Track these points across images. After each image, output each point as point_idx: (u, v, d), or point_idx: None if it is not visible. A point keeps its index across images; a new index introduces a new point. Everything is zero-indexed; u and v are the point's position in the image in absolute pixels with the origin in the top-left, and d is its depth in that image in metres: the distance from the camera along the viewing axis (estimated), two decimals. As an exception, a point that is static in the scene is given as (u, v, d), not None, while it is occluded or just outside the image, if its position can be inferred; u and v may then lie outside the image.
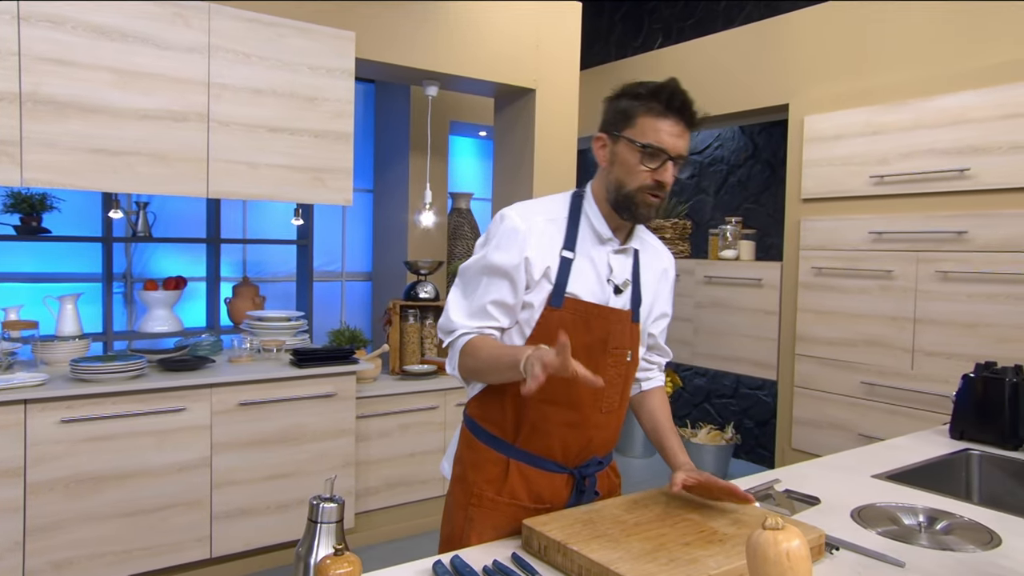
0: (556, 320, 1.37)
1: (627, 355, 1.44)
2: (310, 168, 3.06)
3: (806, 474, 1.82)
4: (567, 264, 1.39)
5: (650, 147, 1.34)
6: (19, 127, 2.47)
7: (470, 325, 1.39)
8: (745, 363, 4.09)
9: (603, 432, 1.45)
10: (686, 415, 5.21)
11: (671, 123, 1.35)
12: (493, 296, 1.38)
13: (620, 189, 1.39)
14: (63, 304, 3.57)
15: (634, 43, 5.53)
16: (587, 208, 1.45)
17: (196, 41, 2.76)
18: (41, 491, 2.48)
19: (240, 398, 2.83)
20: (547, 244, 1.39)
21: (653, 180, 1.36)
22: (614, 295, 1.43)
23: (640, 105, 1.36)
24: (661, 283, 1.55)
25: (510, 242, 1.37)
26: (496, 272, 1.38)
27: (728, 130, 4.88)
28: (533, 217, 1.40)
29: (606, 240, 1.44)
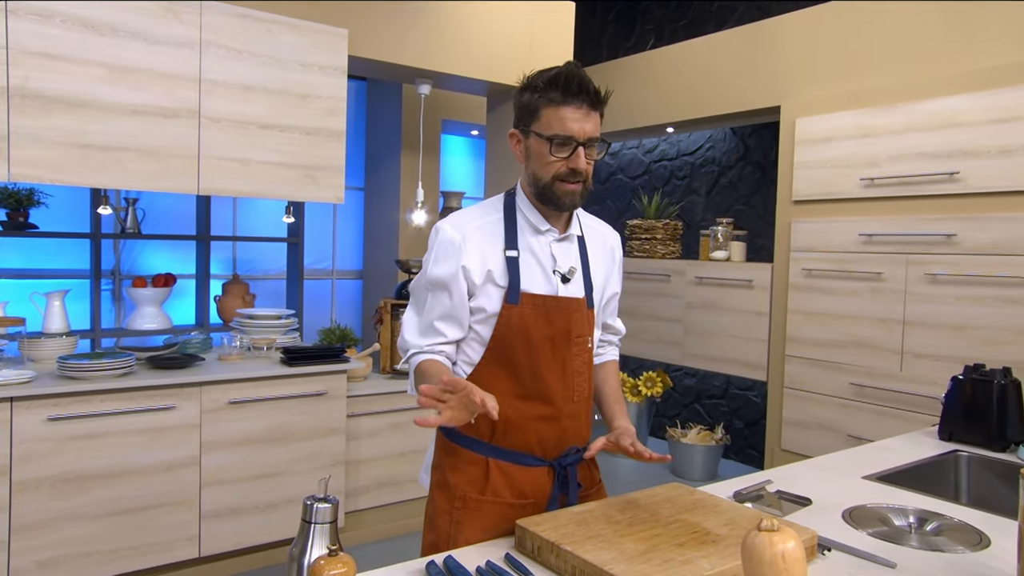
0: (517, 316, 1.39)
1: (588, 341, 1.46)
2: (302, 165, 3.04)
3: (797, 475, 1.82)
4: (514, 262, 1.41)
5: (557, 137, 1.35)
6: (7, 122, 2.44)
7: (421, 344, 1.43)
8: (735, 364, 4.10)
9: (576, 421, 1.47)
10: (676, 415, 5.22)
11: (573, 108, 1.35)
12: (438, 311, 1.42)
13: (538, 182, 1.41)
14: (50, 301, 3.53)
15: (626, 44, 5.54)
16: (520, 204, 1.47)
17: (187, 36, 2.74)
18: (27, 490, 2.46)
19: (230, 396, 2.81)
20: (486, 248, 1.41)
21: (567, 168, 1.37)
22: (562, 284, 1.45)
23: (540, 97, 1.37)
24: (610, 265, 1.58)
25: (447, 254, 1.40)
26: (437, 286, 1.41)
27: (719, 131, 4.90)
28: (466, 226, 1.43)
29: (544, 231, 1.46)
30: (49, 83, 2.50)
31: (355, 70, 3.47)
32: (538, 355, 1.41)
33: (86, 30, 2.55)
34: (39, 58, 2.48)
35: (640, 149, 5.48)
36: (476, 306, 1.42)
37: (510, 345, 1.41)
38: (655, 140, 5.34)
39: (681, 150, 5.17)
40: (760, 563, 0.87)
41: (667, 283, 4.48)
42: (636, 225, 4.79)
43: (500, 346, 1.42)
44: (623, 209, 5.58)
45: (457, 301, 1.41)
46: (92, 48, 2.56)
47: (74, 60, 2.54)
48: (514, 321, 1.40)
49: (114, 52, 2.60)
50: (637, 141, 5.47)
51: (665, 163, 5.29)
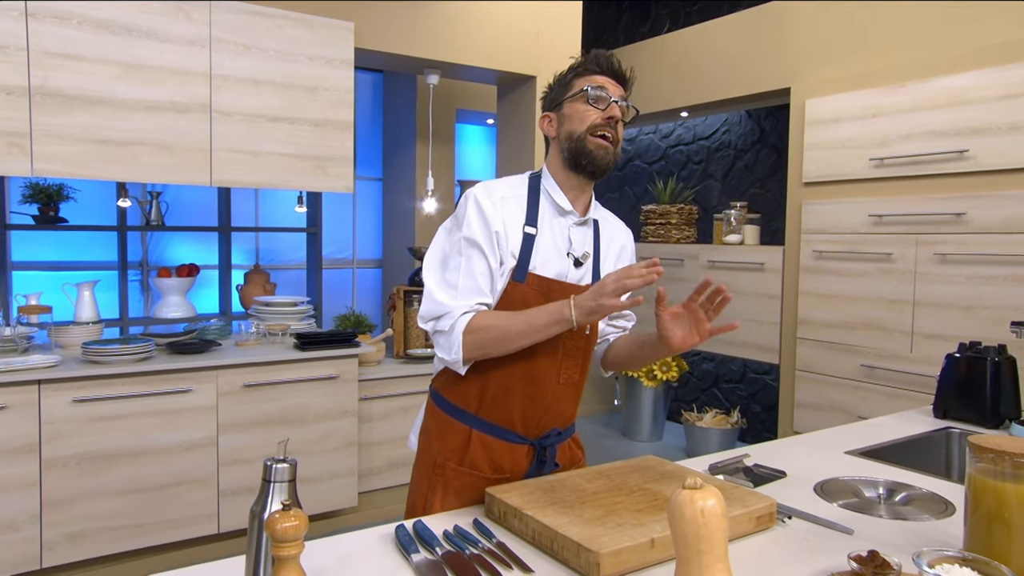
0: (519, 295, 1.42)
1: (586, 328, 1.49)
2: (311, 156, 3.14)
3: (779, 450, 1.86)
4: (530, 239, 1.43)
5: (594, 88, 1.43)
6: (29, 119, 2.58)
7: (466, 303, 1.38)
8: (748, 347, 4.10)
9: (561, 403, 1.50)
10: (694, 400, 5.23)
11: (608, 78, 1.47)
12: (479, 269, 1.39)
13: (572, 138, 1.44)
14: (80, 291, 3.70)
15: (642, 29, 5.53)
16: (545, 184, 1.50)
17: (197, 34, 2.85)
18: (56, 467, 2.60)
19: (245, 380, 2.93)
20: (510, 220, 1.43)
21: (603, 118, 1.42)
22: (574, 268, 1.48)
23: (573, 73, 1.48)
24: (621, 258, 1.60)
25: (480, 217, 1.40)
26: (475, 247, 1.39)
27: (735, 115, 4.87)
28: (495, 193, 1.44)
29: (566, 213, 1.49)
30: (68, 82, 2.63)
31: (363, 62, 3.55)
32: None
33: (101, 30, 2.67)
34: (58, 58, 2.61)
35: (657, 134, 5.47)
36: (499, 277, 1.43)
37: None
38: (671, 125, 5.33)
39: (697, 134, 5.15)
40: (681, 519, 0.92)
41: (681, 267, 4.49)
42: (650, 210, 4.80)
43: None
44: (640, 195, 5.59)
45: (492, 264, 1.41)
46: (107, 47, 2.68)
47: (90, 59, 2.66)
48: (516, 299, 1.41)
49: (128, 51, 2.72)
50: (654, 127, 5.47)
51: (681, 148, 5.28)
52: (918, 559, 1.07)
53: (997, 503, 1.14)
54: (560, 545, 1.19)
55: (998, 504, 1.14)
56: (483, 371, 1.44)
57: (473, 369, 1.44)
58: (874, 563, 1.11)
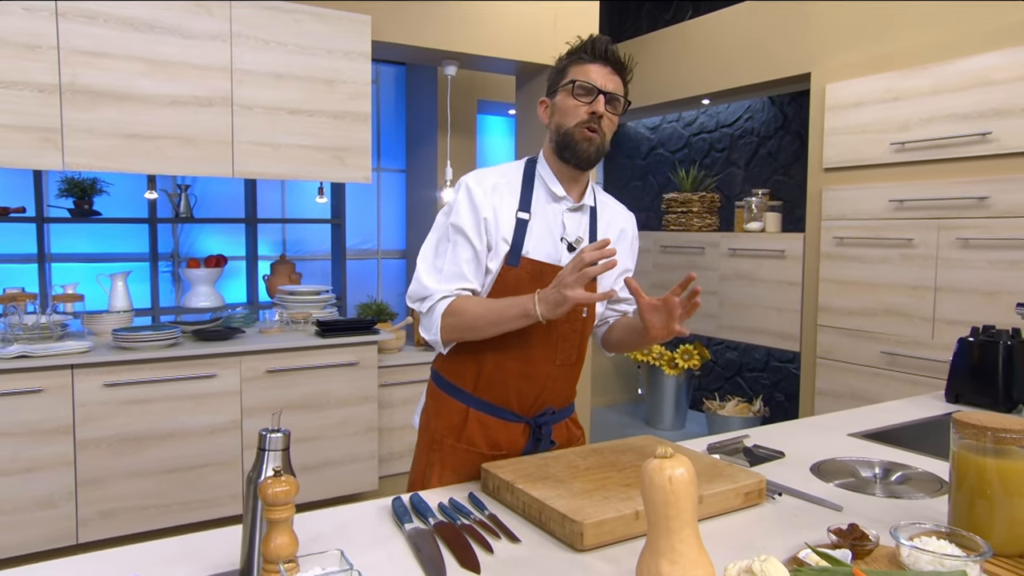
0: (513, 279, 1.46)
1: (582, 311, 1.52)
2: (329, 148, 3.21)
3: (782, 432, 1.87)
4: (523, 225, 1.47)
5: (580, 83, 1.45)
6: (60, 115, 2.69)
7: (447, 288, 1.45)
8: (769, 335, 4.08)
9: (557, 384, 1.53)
10: (718, 388, 5.22)
11: (599, 66, 1.47)
12: (464, 256, 1.45)
13: (559, 130, 1.49)
14: (114, 281, 3.84)
15: (665, 16, 5.50)
16: (540, 170, 1.53)
17: (218, 29, 2.93)
18: (89, 448, 2.73)
19: (268, 365, 3.02)
20: (502, 206, 1.47)
21: (587, 113, 1.45)
22: (568, 253, 1.51)
23: (570, 60, 1.50)
24: (619, 242, 1.62)
25: (470, 205, 1.46)
26: (461, 233, 1.45)
27: (758, 101, 4.83)
28: (486, 181, 1.49)
29: (559, 198, 1.52)
30: (96, 78, 2.73)
31: (384, 55, 3.60)
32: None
33: (127, 28, 2.77)
34: (86, 56, 2.71)
35: (680, 123, 5.45)
36: (488, 266, 1.47)
37: None
38: (694, 113, 5.30)
39: (720, 122, 5.12)
40: (651, 486, 0.95)
41: (702, 255, 4.48)
42: (672, 199, 4.79)
43: None
44: (663, 184, 5.57)
45: (479, 251, 1.45)
46: (132, 44, 2.78)
47: (117, 56, 2.76)
48: (510, 283, 1.45)
49: (152, 47, 2.82)
50: (676, 115, 5.44)
51: (704, 136, 5.24)
52: (895, 532, 1.08)
53: (979, 479, 1.15)
54: (547, 517, 1.23)
55: (980, 480, 1.15)
56: (479, 351, 1.48)
57: (469, 349, 1.49)
58: (852, 536, 1.13)
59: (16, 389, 2.59)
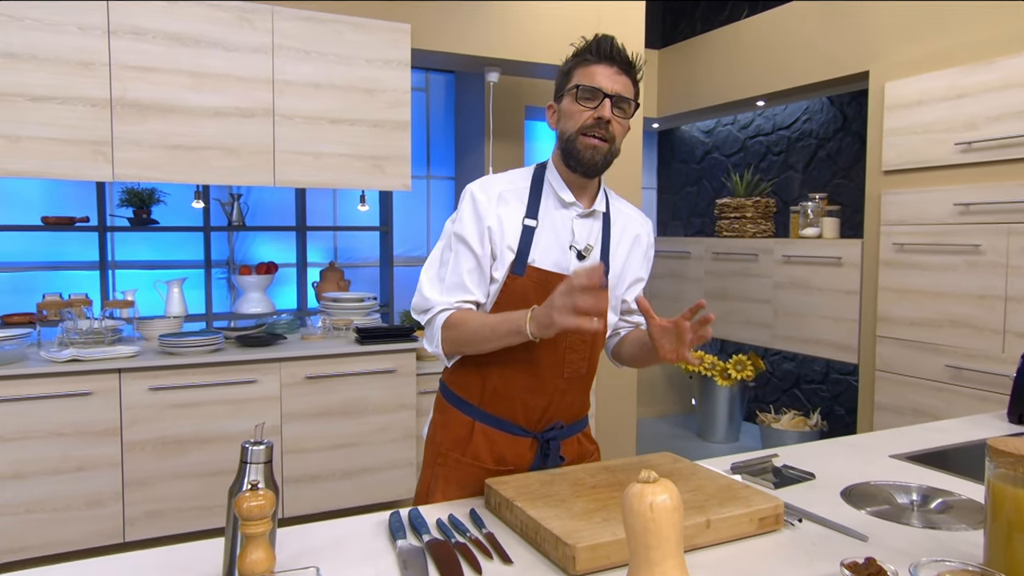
0: (519, 288, 1.41)
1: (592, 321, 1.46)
2: (369, 156, 3.24)
3: (814, 452, 1.76)
4: (529, 232, 1.42)
5: (586, 88, 1.39)
6: (110, 129, 2.79)
7: (447, 300, 1.42)
8: (825, 346, 3.90)
9: (566, 397, 1.48)
10: (774, 400, 5.02)
11: (604, 67, 1.39)
12: (465, 267, 1.41)
13: (564, 136, 1.43)
14: (170, 288, 3.98)
15: (719, 16, 5.35)
16: (549, 176, 1.48)
17: (260, 42, 3.00)
18: (135, 449, 2.81)
19: (307, 372, 3.06)
20: (508, 214, 1.43)
21: (593, 119, 1.39)
22: (577, 260, 1.45)
23: (574, 62, 1.43)
24: (633, 249, 1.56)
25: (474, 214, 1.42)
26: (464, 243, 1.42)
27: (816, 102, 4.64)
28: (492, 188, 1.45)
29: (568, 204, 1.46)
30: (144, 92, 2.83)
31: (427, 62, 3.62)
32: None
33: (173, 43, 2.86)
34: (135, 71, 2.81)
35: (735, 125, 5.29)
36: (493, 275, 1.43)
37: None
38: (750, 115, 5.13)
39: (777, 124, 4.94)
40: (630, 512, 0.89)
41: (755, 263, 4.32)
42: (724, 204, 4.64)
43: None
44: (718, 189, 5.42)
45: (482, 261, 1.41)
46: (179, 59, 2.87)
47: (164, 70, 2.85)
48: (516, 292, 1.41)
49: (197, 61, 2.90)
50: (732, 117, 5.28)
51: (761, 138, 5.07)
52: (915, 569, 0.99)
53: (1017, 512, 1.04)
54: (542, 537, 1.18)
55: (1018, 513, 1.04)
56: (484, 364, 1.44)
57: (475, 362, 1.45)
58: (868, 571, 1.04)
59: (67, 391, 2.69)
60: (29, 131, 2.69)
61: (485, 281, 1.43)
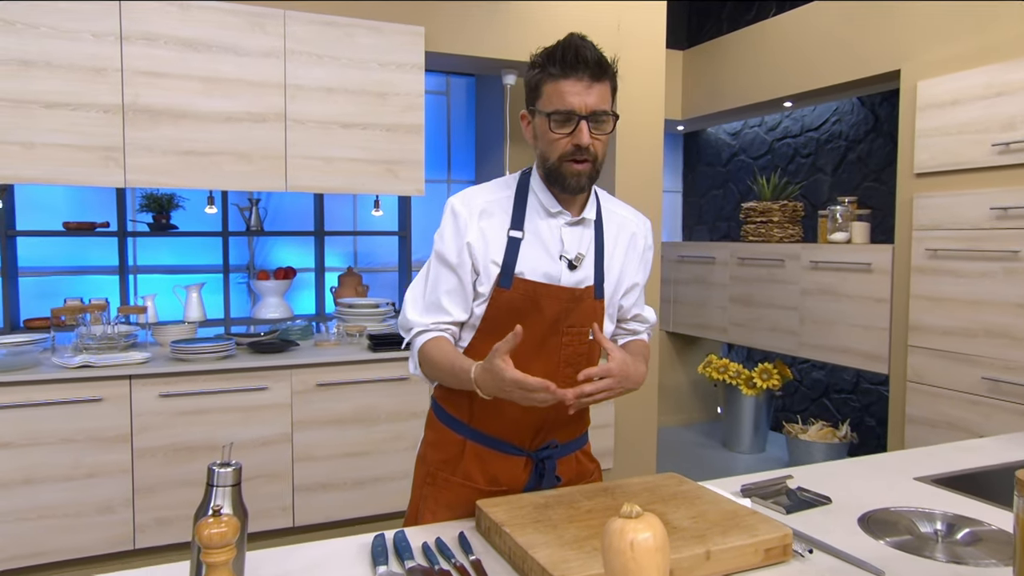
0: (506, 302, 1.35)
1: (589, 333, 1.39)
2: (382, 161, 3.20)
3: (833, 472, 1.66)
4: (515, 244, 1.36)
5: (557, 113, 1.29)
6: (122, 135, 2.79)
7: (425, 322, 1.38)
8: (854, 355, 3.75)
9: (561, 414, 1.40)
10: (803, 410, 4.87)
11: (572, 81, 1.28)
12: (444, 286, 1.37)
13: (545, 163, 1.36)
14: (189, 293, 3.98)
15: (747, 16, 5.22)
16: (534, 184, 1.41)
17: (272, 46, 2.97)
18: (146, 456, 2.80)
19: (318, 379, 3.02)
20: (491, 227, 1.37)
21: (571, 145, 1.30)
22: (568, 270, 1.38)
23: (541, 73, 1.32)
24: (629, 253, 1.48)
25: (454, 229, 1.37)
26: (443, 262, 1.37)
27: (846, 102, 4.49)
28: (473, 201, 1.38)
29: (555, 213, 1.39)
30: (155, 98, 2.82)
31: (442, 66, 3.57)
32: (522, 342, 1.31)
33: (185, 48, 2.85)
34: (147, 76, 2.81)
35: (762, 127, 5.15)
36: (479, 291, 1.37)
37: (497, 329, 1.36)
38: (778, 116, 5.00)
39: (805, 125, 4.79)
40: (609, 549, 0.81)
41: (781, 268, 4.19)
42: (751, 208, 4.52)
43: (488, 328, 1.38)
44: (745, 192, 5.28)
45: (463, 278, 1.36)
46: (190, 64, 2.86)
47: (175, 76, 2.84)
48: (503, 306, 1.35)
49: (209, 66, 2.88)
50: (759, 119, 5.15)
51: (788, 140, 4.93)
52: (931, 614, 0.90)
53: (1048, 553, 0.94)
54: (529, 567, 1.11)
55: (1049, 554, 0.94)
56: None
57: None
58: (879, 614, 0.95)
59: (78, 397, 2.69)
60: (43, 138, 2.70)
61: (466, 300, 1.38)
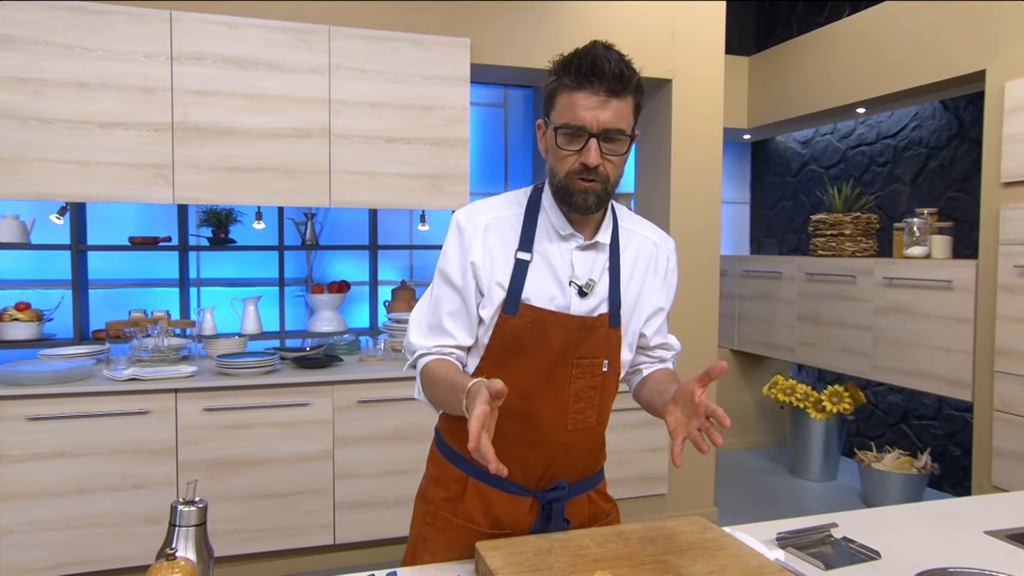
0: (511, 329, 1.24)
1: (603, 365, 1.27)
2: (426, 175, 3.16)
3: (889, 521, 1.48)
4: (523, 266, 1.25)
5: (566, 127, 1.19)
6: (171, 152, 2.85)
7: (428, 345, 1.30)
8: (934, 380, 3.45)
9: (571, 452, 1.29)
10: (879, 436, 4.54)
11: (587, 94, 1.17)
12: (447, 308, 1.28)
13: (554, 178, 1.25)
14: (246, 305, 4.06)
15: (818, 18, 4.96)
16: (545, 202, 1.30)
17: (317, 62, 2.98)
18: (189, 469, 2.83)
19: (359, 396, 2.99)
20: (498, 246, 1.27)
21: (579, 164, 1.19)
22: (579, 297, 1.27)
23: (556, 82, 1.21)
24: (648, 276, 1.35)
25: (457, 247, 1.28)
26: (446, 281, 1.29)
27: (927, 107, 4.18)
28: (478, 217, 1.28)
29: (566, 236, 1.28)
30: (203, 116, 2.87)
31: (493, 78, 3.52)
32: (529, 374, 1.26)
33: (232, 67, 2.89)
34: (195, 95, 2.86)
35: (835, 135, 4.87)
36: (481, 315, 1.28)
37: (503, 359, 1.27)
38: (851, 123, 4.71)
39: (882, 132, 4.50)
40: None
41: (852, 285, 3.92)
42: (820, 220, 4.26)
43: (493, 357, 1.28)
44: (816, 204, 5.00)
45: (467, 300, 1.27)
46: (237, 82, 2.90)
47: (222, 94, 2.89)
48: (509, 333, 1.25)
49: (255, 83, 2.92)
50: (831, 126, 4.87)
51: (863, 148, 4.64)
52: None
53: None
54: (517, 625, 1.01)
55: None
56: None
57: None
58: None
59: (127, 410, 2.75)
60: (98, 156, 2.78)
61: (471, 322, 1.28)
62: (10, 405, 2.66)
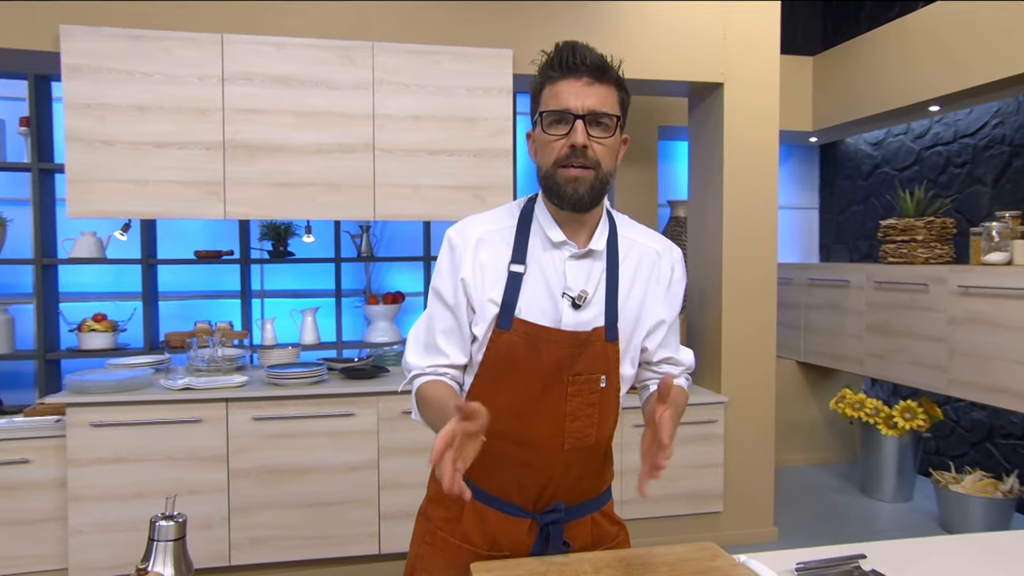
0: (504, 345, 1.21)
1: (600, 381, 1.22)
2: (469, 187, 3.16)
3: (926, 555, 1.36)
4: (516, 279, 1.22)
5: (552, 112, 1.18)
6: (223, 170, 2.96)
7: (422, 365, 1.28)
8: (1016, 396, 3.20)
9: (570, 473, 1.24)
10: (960, 455, 4.24)
11: (571, 81, 1.18)
12: (440, 326, 1.26)
13: (542, 171, 1.23)
14: (304, 317, 4.17)
15: (888, 14, 4.71)
16: (538, 212, 1.27)
17: (361, 78, 3.04)
18: (240, 477, 2.91)
19: (404, 407, 3.01)
20: (490, 261, 1.24)
21: (566, 148, 1.17)
22: (572, 310, 1.22)
23: (540, 79, 1.22)
24: (650, 287, 1.30)
25: (448, 264, 1.27)
26: (439, 299, 1.27)
27: (1010, 102, 3.90)
28: (469, 232, 1.26)
29: (558, 244, 1.24)
30: (253, 134, 2.97)
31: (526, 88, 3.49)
32: (522, 392, 1.23)
33: (279, 85, 2.98)
34: (245, 114, 2.96)
35: (908, 135, 4.61)
36: (474, 332, 1.26)
37: (496, 377, 1.24)
38: (926, 123, 4.45)
39: (959, 131, 4.22)
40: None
41: (924, 294, 3.68)
42: (890, 226, 4.03)
43: (487, 375, 1.25)
44: (888, 208, 4.74)
45: (459, 318, 1.26)
46: (284, 100, 2.98)
47: (271, 112, 2.98)
48: (502, 350, 1.22)
49: (301, 101, 2.99)
50: (904, 126, 4.62)
51: (939, 148, 4.37)
52: None
53: None
54: (493, 654, 0.97)
55: None
56: None
57: None
58: None
59: (181, 418, 2.86)
60: (155, 175, 2.92)
61: (464, 341, 1.26)
62: (78, 412, 2.81)
